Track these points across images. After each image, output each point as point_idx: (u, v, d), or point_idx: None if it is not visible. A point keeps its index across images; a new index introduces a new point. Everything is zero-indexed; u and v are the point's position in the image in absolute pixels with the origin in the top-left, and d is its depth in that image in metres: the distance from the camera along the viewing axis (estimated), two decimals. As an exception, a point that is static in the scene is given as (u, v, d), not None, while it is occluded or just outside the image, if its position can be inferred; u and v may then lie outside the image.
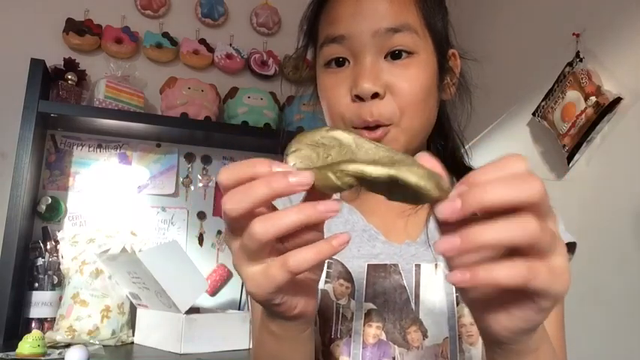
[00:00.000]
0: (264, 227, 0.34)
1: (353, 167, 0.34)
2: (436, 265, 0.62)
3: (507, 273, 0.31)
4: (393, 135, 0.59)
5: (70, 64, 1.73)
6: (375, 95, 0.58)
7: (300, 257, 0.35)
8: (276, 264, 0.36)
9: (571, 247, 0.64)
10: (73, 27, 1.80)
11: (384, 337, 0.60)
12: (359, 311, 0.61)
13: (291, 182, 0.34)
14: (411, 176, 0.33)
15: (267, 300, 0.38)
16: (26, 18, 1.80)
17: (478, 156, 0.80)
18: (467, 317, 0.60)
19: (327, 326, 0.62)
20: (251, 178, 0.35)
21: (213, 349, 1.42)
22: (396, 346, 0.59)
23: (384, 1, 0.59)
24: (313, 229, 0.37)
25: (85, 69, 1.78)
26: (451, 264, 0.35)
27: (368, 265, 0.62)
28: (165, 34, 1.93)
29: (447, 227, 0.34)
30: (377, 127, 0.59)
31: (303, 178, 0.34)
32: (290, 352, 0.48)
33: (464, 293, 0.38)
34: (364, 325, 0.60)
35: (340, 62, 0.61)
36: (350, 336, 0.61)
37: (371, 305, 0.61)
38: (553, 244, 0.33)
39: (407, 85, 0.59)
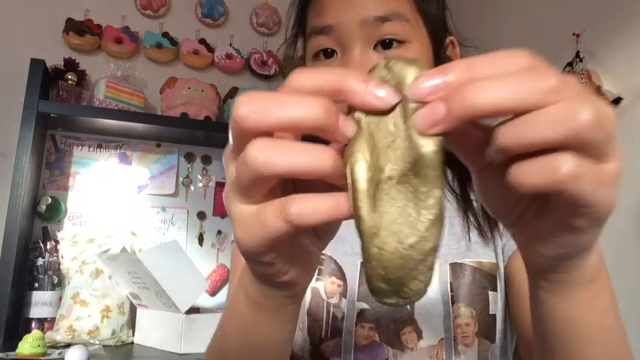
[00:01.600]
0: (266, 156, 0.26)
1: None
2: None
3: (539, 171, 0.24)
4: None
5: (70, 64, 1.73)
6: None
7: (306, 206, 0.26)
8: (272, 208, 0.27)
9: None
10: (73, 27, 1.80)
11: (377, 338, 0.58)
12: (351, 311, 0.60)
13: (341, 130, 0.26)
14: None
15: (255, 254, 0.29)
16: (26, 18, 1.80)
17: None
18: (462, 318, 0.58)
19: (317, 326, 0.61)
20: (335, 92, 0.26)
21: (213, 349, 1.42)
22: (389, 348, 0.58)
23: None
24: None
25: (85, 69, 1.78)
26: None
27: (361, 262, 0.60)
28: (165, 34, 1.93)
29: None
30: None
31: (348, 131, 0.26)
32: (267, 326, 0.38)
33: (504, 211, 0.30)
34: (356, 326, 0.59)
35: (329, 53, 0.58)
36: (341, 336, 0.59)
37: (363, 305, 0.60)
38: (609, 143, 0.26)
39: None
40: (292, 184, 0.31)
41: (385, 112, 0.27)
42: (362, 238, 0.27)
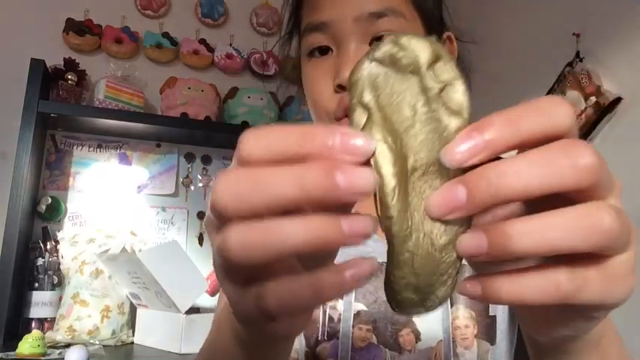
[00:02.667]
0: (245, 247, 0.22)
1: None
2: None
3: (540, 289, 0.22)
4: None
5: (70, 64, 1.73)
6: None
7: (282, 297, 0.23)
8: (249, 296, 0.24)
9: None
10: (73, 27, 1.80)
11: (374, 340, 0.57)
12: (347, 312, 0.59)
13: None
14: None
15: (245, 323, 0.28)
16: (26, 18, 1.80)
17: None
18: (461, 319, 0.58)
19: (313, 327, 0.60)
20: (297, 157, 0.22)
21: (213, 349, 1.42)
22: (387, 350, 0.57)
23: None
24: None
25: (85, 69, 1.77)
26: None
27: None
28: (165, 34, 1.93)
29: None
30: None
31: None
32: None
33: (522, 311, 0.30)
34: (353, 327, 0.58)
35: (324, 51, 0.57)
36: (337, 338, 0.58)
37: (361, 306, 0.59)
38: (622, 237, 0.23)
39: None
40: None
41: (399, 93, 0.24)
42: (393, 241, 0.24)
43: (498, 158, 0.23)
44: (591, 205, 0.22)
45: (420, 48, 0.24)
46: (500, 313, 0.61)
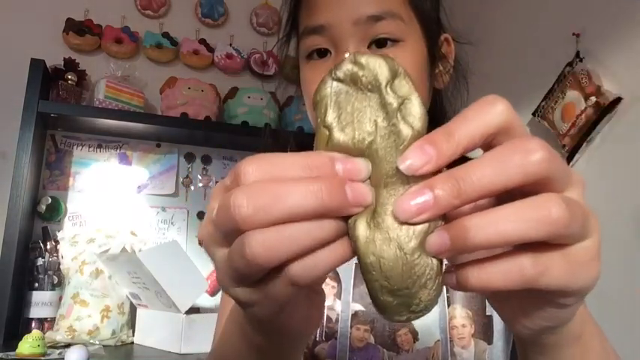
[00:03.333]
0: (269, 249, 0.24)
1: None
2: None
3: (505, 274, 0.24)
4: None
5: (70, 64, 1.73)
6: None
7: (307, 264, 0.25)
8: (275, 279, 0.26)
9: None
10: (73, 27, 1.80)
11: (372, 340, 0.58)
12: (345, 312, 0.59)
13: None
14: None
15: (268, 321, 0.29)
16: (26, 18, 1.80)
17: (477, 156, 0.80)
18: (458, 319, 0.58)
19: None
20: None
21: (213, 349, 1.42)
22: (385, 350, 0.57)
23: None
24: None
25: (85, 69, 1.78)
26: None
27: (356, 263, 0.58)
28: (165, 34, 1.93)
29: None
30: None
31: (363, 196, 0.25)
32: None
33: (497, 300, 0.32)
34: (351, 328, 0.58)
35: (322, 53, 0.57)
36: (335, 338, 0.58)
37: (358, 306, 0.59)
38: (583, 226, 0.25)
39: None
40: None
41: (360, 110, 0.26)
42: (357, 245, 0.25)
43: (466, 158, 0.26)
44: (541, 197, 0.24)
45: (378, 66, 0.26)
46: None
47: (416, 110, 0.26)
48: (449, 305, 0.58)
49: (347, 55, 0.26)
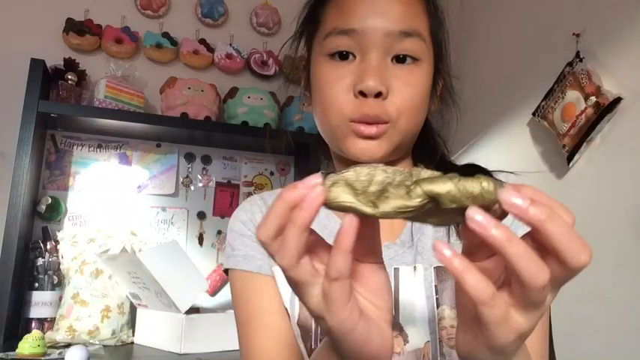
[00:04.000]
0: (280, 257, 0.35)
1: (427, 187, 0.32)
2: (415, 267, 0.61)
3: (475, 282, 0.31)
4: (389, 133, 0.59)
5: (70, 64, 1.73)
6: (379, 94, 0.57)
7: (331, 260, 0.34)
8: (324, 282, 0.35)
9: None
10: (73, 27, 1.81)
11: None
12: None
13: (310, 201, 0.33)
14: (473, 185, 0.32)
15: (342, 333, 0.36)
16: (26, 18, 1.80)
17: (477, 156, 0.80)
18: (447, 320, 0.59)
19: (307, 335, 0.62)
20: (285, 217, 0.34)
21: (213, 349, 1.42)
22: None
23: (400, 3, 0.59)
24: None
25: (85, 69, 1.78)
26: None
27: None
28: (165, 34, 1.93)
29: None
30: (375, 123, 0.58)
31: (317, 194, 0.33)
32: None
33: (462, 305, 0.39)
34: None
35: (343, 55, 0.60)
36: None
37: None
38: (532, 307, 0.33)
39: (408, 90, 0.59)
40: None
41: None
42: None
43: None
44: (541, 265, 0.32)
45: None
46: None
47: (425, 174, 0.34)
48: (438, 307, 0.59)
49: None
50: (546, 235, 0.31)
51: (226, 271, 0.70)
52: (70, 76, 1.70)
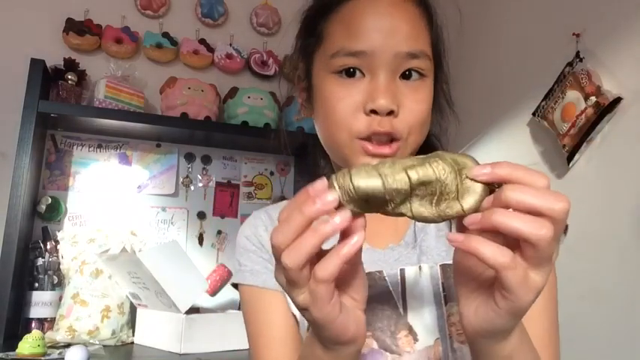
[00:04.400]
0: (289, 259, 0.39)
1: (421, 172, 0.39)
2: (420, 267, 0.62)
3: (493, 252, 0.36)
4: (400, 151, 0.60)
5: (70, 64, 1.73)
6: (390, 112, 0.58)
7: (324, 265, 0.39)
8: (311, 282, 0.40)
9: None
10: (73, 27, 1.81)
11: (375, 345, 0.60)
12: None
13: (336, 225, 0.38)
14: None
15: (328, 321, 0.42)
16: (26, 18, 1.80)
17: (478, 155, 0.80)
18: (456, 316, 0.59)
19: None
20: (303, 228, 0.39)
21: (213, 349, 1.42)
22: (388, 354, 0.59)
23: (406, 23, 0.60)
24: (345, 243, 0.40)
25: (85, 69, 1.78)
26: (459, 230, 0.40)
27: None
28: (165, 34, 1.93)
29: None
30: (391, 140, 0.59)
31: (344, 219, 0.38)
32: None
33: (461, 284, 0.43)
34: None
35: (351, 72, 0.60)
36: None
37: None
38: (544, 261, 0.37)
39: (417, 106, 0.60)
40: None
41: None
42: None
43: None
44: (545, 223, 0.36)
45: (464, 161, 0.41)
46: None
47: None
48: (446, 303, 0.60)
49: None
50: (520, 199, 0.36)
51: (236, 285, 0.72)
52: (70, 76, 1.70)
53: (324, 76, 0.62)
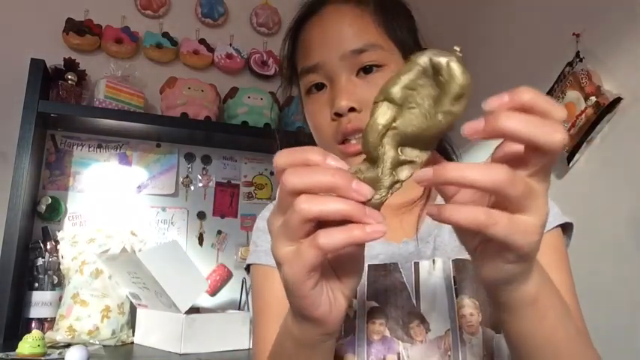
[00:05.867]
0: (309, 205, 0.36)
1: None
2: (433, 260, 0.65)
3: (466, 215, 0.34)
4: None
5: (70, 64, 1.73)
6: (352, 110, 0.63)
7: (331, 236, 0.36)
8: (306, 242, 0.37)
9: (568, 227, 0.68)
10: (73, 27, 1.81)
11: (387, 333, 0.62)
12: (361, 309, 0.64)
13: (354, 189, 0.36)
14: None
15: (296, 284, 0.38)
16: (26, 18, 1.80)
17: (479, 155, 0.80)
18: (466, 308, 0.62)
19: None
20: (306, 164, 0.37)
21: (213, 349, 1.42)
22: (400, 342, 0.62)
23: (345, 25, 0.65)
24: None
25: (85, 69, 1.78)
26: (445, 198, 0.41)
27: (368, 265, 0.65)
28: (165, 34, 1.93)
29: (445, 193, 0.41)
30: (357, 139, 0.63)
31: (366, 192, 0.37)
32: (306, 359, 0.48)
33: (465, 244, 0.42)
34: (367, 323, 0.63)
35: (319, 87, 0.66)
36: (354, 334, 0.63)
37: (373, 303, 0.64)
38: (524, 200, 0.34)
39: None
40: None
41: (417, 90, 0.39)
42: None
43: None
44: (497, 165, 0.34)
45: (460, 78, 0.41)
46: None
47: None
48: (457, 296, 0.63)
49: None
50: (532, 98, 0.34)
51: (248, 269, 0.74)
52: (70, 76, 1.70)
53: (303, 97, 0.70)
